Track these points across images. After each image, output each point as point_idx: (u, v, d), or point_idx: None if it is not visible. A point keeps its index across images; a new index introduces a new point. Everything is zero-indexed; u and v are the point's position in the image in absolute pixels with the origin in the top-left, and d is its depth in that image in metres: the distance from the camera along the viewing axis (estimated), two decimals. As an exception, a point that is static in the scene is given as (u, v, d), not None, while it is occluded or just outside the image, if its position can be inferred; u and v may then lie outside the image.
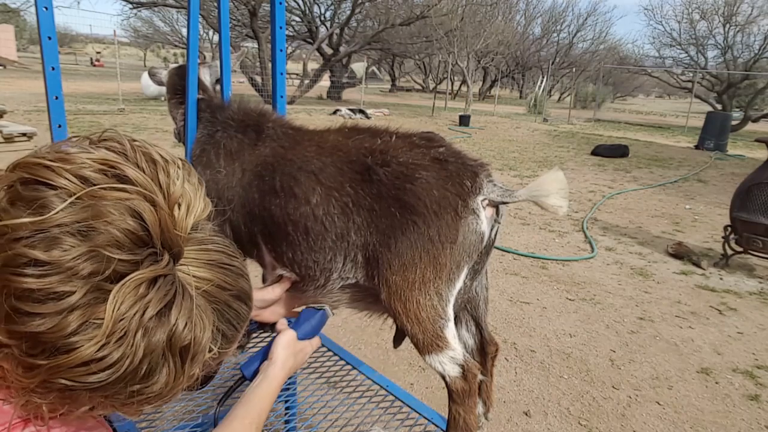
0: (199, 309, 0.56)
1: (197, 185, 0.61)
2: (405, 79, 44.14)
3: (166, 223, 0.54)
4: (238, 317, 0.65)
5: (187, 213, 0.57)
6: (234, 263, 0.64)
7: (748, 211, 4.40)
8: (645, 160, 11.16)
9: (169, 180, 0.56)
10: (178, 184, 0.57)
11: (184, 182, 0.58)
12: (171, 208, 0.55)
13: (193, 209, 0.58)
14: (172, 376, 0.54)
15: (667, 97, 49.36)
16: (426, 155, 1.15)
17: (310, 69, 22.73)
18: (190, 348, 0.54)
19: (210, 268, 0.60)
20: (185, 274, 0.57)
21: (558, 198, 1.08)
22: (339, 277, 1.23)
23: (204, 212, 0.61)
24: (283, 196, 1.26)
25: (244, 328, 0.69)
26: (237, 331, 0.66)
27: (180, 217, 0.56)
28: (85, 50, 43.10)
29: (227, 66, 1.78)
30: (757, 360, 3.13)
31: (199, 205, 0.59)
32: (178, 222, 0.56)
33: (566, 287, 4.05)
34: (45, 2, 1.32)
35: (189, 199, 0.58)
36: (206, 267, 0.59)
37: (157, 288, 0.51)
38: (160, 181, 0.56)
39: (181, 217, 0.56)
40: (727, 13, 22.78)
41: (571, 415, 2.50)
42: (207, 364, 0.63)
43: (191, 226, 0.58)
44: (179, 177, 0.58)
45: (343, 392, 1.51)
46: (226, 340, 0.64)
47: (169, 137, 8.84)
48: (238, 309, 0.64)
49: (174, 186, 0.56)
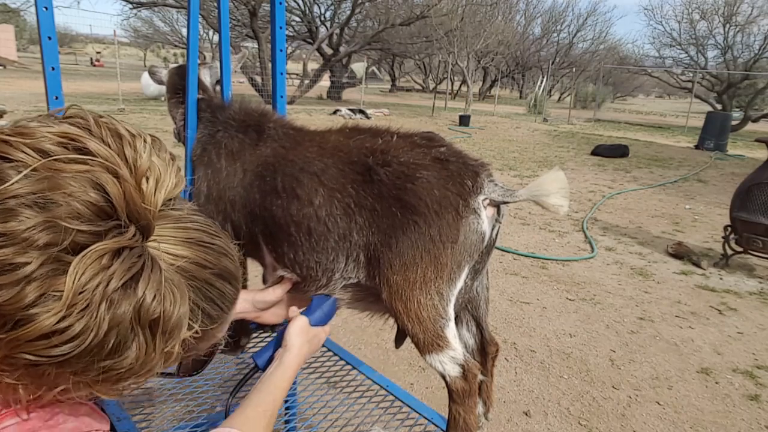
0: (170, 283, 0.54)
1: (168, 160, 0.59)
2: (405, 79, 44.15)
3: (132, 195, 0.52)
4: (223, 297, 0.64)
5: (156, 187, 0.56)
6: (215, 242, 0.63)
7: (748, 211, 4.40)
8: (645, 160, 11.16)
9: (136, 154, 0.55)
10: (145, 157, 0.55)
11: (152, 156, 0.57)
12: (138, 181, 0.54)
13: (164, 184, 0.57)
14: (143, 351, 0.52)
15: (667, 97, 49.36)
16: (427, 155, 1.15)
17: (310, 69, 22.72)
18: (160, 321, 0.53)
19: (188, 246, 0.59)
20: (157, 250, 0.55)
21: (559, 197, 1.08)
22: (341, 277, 1.23)
23: (177, 188, 0.59)
24: (285, 197, 1.26)
25: (232, 310, 0.68)
26: (223, 312, 0.65)
27: (148, 191, 0.55)
28: (85, 50, 43.11)
29: (227, 66, 1.78)
30: (757, 360, 3.13)
31: (171, 180, 0.58)
32: (147, 196, 0.54)
33: (566, 287, 4.04)
34: (45, 2, 1.32)
35: (158, 173, 0.56)
36: (183, 245, 0.58)
37: (121, 260, 0.50)
38: (126, 155, 0.54)
39: (150, 191, 0.55)
40: (727, 13, 22.79)
41: (571, 415, 2.50)
42: (191, 344, 0.62)
43: (162, 202, 0.56)
44: (146, 150, 0.56)
45: (343, 392, 1.51)
46: (211, 320, 0.63)
47: (169, 137, 8.80)
48: (221, 288, 0.63)
49: (141, 159, 0.55)
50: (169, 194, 0.58)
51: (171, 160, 0.60)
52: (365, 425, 1.38)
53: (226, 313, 0.66)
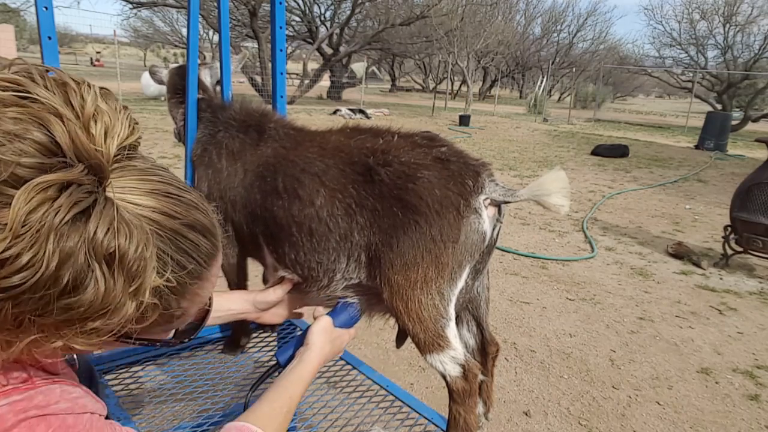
0: (126, 221, 0.54)
1: (120, 109, 0.59)
2: (405, 79, 44.14)
3: (78, 135, 0.52)
4: (198, 249, 0.64)
5: (106, 132, 0.55)
6: (184, 195, 0.63)
7: (748, 211, 4.40)
8: (645, 160, 11.17)
9: (82, 100, 0.55)
10: (90, 101, 0.55)
11: (99, 102, 0.57)
12: (85, 124, 0.54)
13: (115, 131, 0.56)
14: (102, 287, 0.52)
15: (667, 97, 49.36)
16: (428, 155, 1.15)
17: (310, 69, 22.72)
18: (116, 256, 0.52)
19: (152, 196, 0.59)
20: (121, 200, 0.55)
21: (560, 197, 1.08)
22: (342, 277, 1.23)
23: (131, 137, 0.59)
24: (287, 198, 1.26)
25: (212, 265, 0.67)
26: (201, 266, 0.65)
27: (98, 135, 0.54)
28: (85, 50, 43.09)
29: (227, 66, 1.78)
30: (757, 360, 3.13)
31: (123, 128, 0.58)
32: (96, 139, 0.54)
33: (566, 287, 4.04)
34: (45, 2, 1.32)
35: (107, 119, 0.56)
36: (148, 195, 0.58)
37: (68, 194, 0.50)
38: (71, 100, 0.54)
39: (99, 134, 0.55)
40: (727, 13, 22.80)
41: (571, 415, 2.49)
42: (171, 299, 0.61)
43: (117, 148, 0.56)
44: (91, 96, 0.56)
45: (343, 392, 1.51)
46: (189, 274, 0.63)
47: (169, 137, 8.84)
48: (195, 240, 0.63)
49: (86, 104, 0.55)
50: (122, 141, 0.57)
51: (122, 109, 0.60)
52: (365, 425, 1.38)
53: (204, 267, 0.66)
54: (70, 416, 0.61)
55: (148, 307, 0.59)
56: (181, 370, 1.55)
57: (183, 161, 1.71)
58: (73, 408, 0.62)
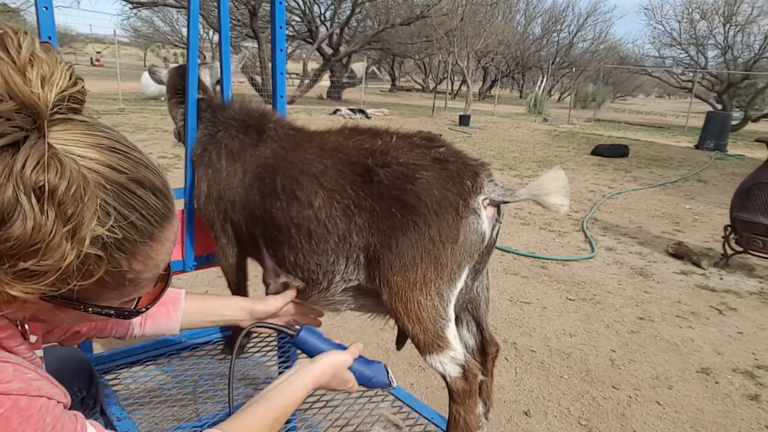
0: (58, 158, 0.52)
1: (60, 60, 0.58)
2: (405, 79, 44.13)
3: (11, 75, 0.51)
4: (147, 206, 0.62)
5: (44, 80, 0.54)
6: (133, 153, 0.62)
7: (748, 211, 4.40)
8: (645, 160, 11.16)
9: (20, 47, 0.54)
10: (26, 47, 0.54)
11: (37, 50, 0.56)
12: (21, 68, 0.53)
13: (54, 79, 0.55)
14: (30, 221, 0.50)
15: (667, 97, 49.34)
16: (426, 155, 1.15)
17: (310, 69, 22.72)
18: (45, 190, 0.51)
19: (97, 150, 0.58)
20: (56, 143, 0.54)
21: (559, 197, 1.08)
22: (342, 279, 1.23)
23: (73, 88, 0.58)
24: (285, 199, 1.25)
25: (165, 225, 0.66)
26: (151, 224, 0.63)
27: (34, 79, 0.53)
28: (85, 50, 43.05)
29: (227, 66, 1.78)
30: (757, 360, 3.13)
31: (63, 78, 0.57)
32: (33, 83, 0.53)
33: (566, 287, 4.04)
34: (45, 2, 1.32)
35: (46, 67, 0.55)
36: (92, 148, 0.57)
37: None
38: (6, 45, 0.53)
39: (36, 78, 0.54)
40: (727, 12, 22.79)
41: (571, 414, 2.49)
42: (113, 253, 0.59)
43: (56, 96, 0.55)
44: (28, 43, 0.55)
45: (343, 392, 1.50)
46: (138, 231, 0.61)
47: (169, 137, 8.84)
48: (143, 197, 0.61)
49: (22, 50, 0.54)
50: (61, 90, 0.56)
51: (64, 62, 0.59)
52: (365, 425, 1.38)
53: (155, 226, 0.64)
54: (24, 398, 0.58)
55: (91, 258, 0.57)
56: (181, 370, 1.55)
57: (183, 161, 1.71)
58: (28, 389, 0.59)
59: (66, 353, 1.28)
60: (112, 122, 10.35)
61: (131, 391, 1.44)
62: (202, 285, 3.51)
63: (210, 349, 1.70)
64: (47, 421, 0.60)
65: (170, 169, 6.76)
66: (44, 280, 0.55)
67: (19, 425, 0.57)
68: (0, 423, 0.56)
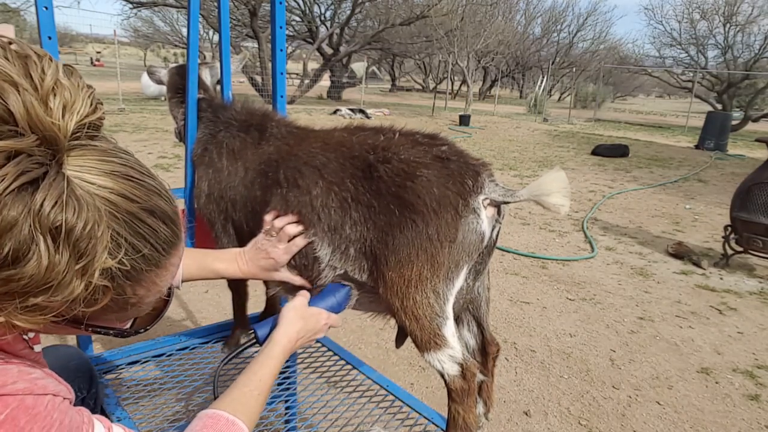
0: (76, 196, 0.52)
1: (82, 86, 0.58)
2: (405, 79, 44.13)
3: (34, 106, 0.51)
4: (156, 235, 0.62)
5: (65, 107, 0.54)
6: (146, 180, 0.62)
7: (748, 211, 4.40)
8: (645, 159, 11.16)
9: (43, 74, 0.54)
10: (50, 75, 0.54)
11: (61, 77, 0.55)
12: (43, 97, 0.53)
13: (75, 106, 0.55)
14: (45, 261, 0.50)
15: (667, 97, 49.32)
16: (428, 153, 1.14)
17: (310, 69, 22.74)
18: (62, 230, 0.51)
19: (111, 178, 0.57)
20: (72, 172, 0.54)
21: (559, 197, 1.08)
22: (328, 266, 1.23)
23: (93, 115, 0.58)
24: (286, 187, 1.26)
25: (172, 253, 0.66)
26: (159, 253, 0.63)
27: (56, 109, 0.53)
28: (85, 50, 43.05)
29: (227, 66, 1.78)
30: (757, 360, 3.13)
31: (84, 105, 0.56)
32: (54, 112, 0.53)
33: (566, 287, 4.04)
34: (45, 2, 1.32)
35: (68, 95, 0.55)
36: (107, 176, 0.57)
37: (17, 162, 0.49)
38: (30, 72, 0.53)
39: (57, 108, 0.53)
40: (727, 12, 22.79)
41: (571, 414, 2.50)
42: (119, 281, 0.59)
43: (76, 124, 0.55)
44: (52, 70, 0.55)
45: (343, 392, 1.51)
46: (145, 260, 0.61)
47: (169, 137, 8.84)
48: (153, 226, 0.61)
49: (46, 77, 0.53)
50: (82, 118, 0.56)
51: (86, 87, 0.59)
52: (365, 425, 1.38)
53: (162, 255, 0.64)
54: (29, 397, 0.59)
55: (98, 288, 0.57)
56: (181, 370, 1.55)
57: (183, 161, 1.71)
58: (32, 389, 0.60)
59: (66, 353, 1.28)
60: (112, 122, 10.37)
61: (131, 391, 1.44)
62: (203, 285, 3.52)
63: (210, 348, 1.70)
64: (54, 417, 0.60)
65: (170, 169, 6.76)
66: (52, 313, 0.55)
67: (26, 423, 0.57)
68: (7, 423, 0.56)
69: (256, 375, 0.97)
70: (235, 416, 0.88)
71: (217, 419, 0.87)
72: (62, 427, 0.61)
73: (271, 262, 1.23)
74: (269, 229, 1.23)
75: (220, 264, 1.25)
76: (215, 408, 0.89)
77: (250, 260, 1.25)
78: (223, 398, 0.92)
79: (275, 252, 1.22)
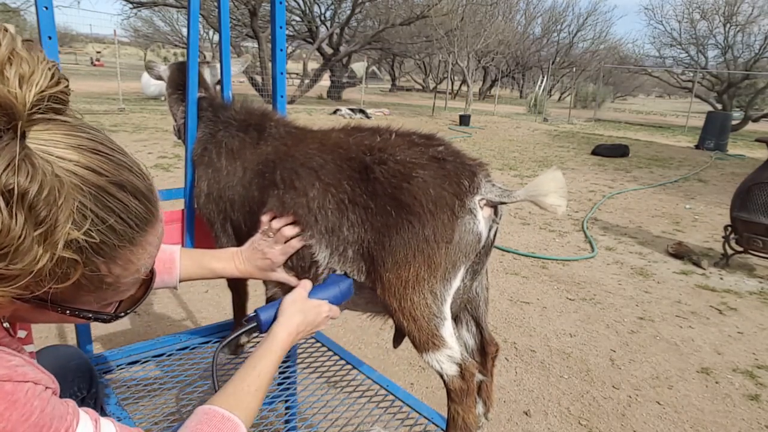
0: (30, 161, 0.51)
1: (42, 59, 0.57)
2: (405, 79, 44.12)
3: None
4: (127, 210, 0.61)
5: (22, 78, 0.54)
6: (116, 155, 0.61)
7: (748, 210, 4.39)
8: (645, 159, 11.16)
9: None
10: (5, 46, 0.53)
11: (19, 48, 0.55)
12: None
13: (34, 79, 0.55)
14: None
15: (667, 96, 49.29)
16: (424, 154, 1.15)
17: (310, 69, 22.73)
18: (14, 193, 0.50)
19: (78, 151, 0.57)
20: (36, 145, 0.53)
21: (556, 197, 1.08)
22: (327, 269, 1.23)
23: (55, 88, 0.57)
24: (283, 188, 1.26)
25: (146, 230, 0.65)
26: (131, 228, 0.62)
27: (12, 77, 0.53)
28: (85, 50, 43.07)
29: (227, 66, 1.78)
30: (757, 360, 3.13)
31: (44, 78, 0.56)
32: (11, 81, 0.53)
33: (566, 287, 4.05)
34: (45, 2, 1.32)
35: (26, 66, 0.54)
36: (73, 149, 0.57)
37: None
38: None
39: (14, 78, 0.53)
40: (727, 12, 22.79)
41: (571, 414, 2.50)
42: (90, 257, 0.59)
43: (35, 96, 0.55)
44: (9, 41, 0.54)
45: (343, 392, 1.51)
46: (117, 235, 0.61)
47: (169, 137, 8.84)
48: (124, 200, 0.61)
49: (1, 48, 0.53)
50: (41, 90, 0.56)
51: (47, 60, 0.58)
52: (365, 425, 1.38)
53: (136, 231, 0.63)
54: (8, 383, 0.58)
55: (66, 262, 0.57)
56: (181, 370, 1.55)
57: (183, 161, 1.71)
58: (11, 375, 0.59)
59: (66, 353, 1.28)
60: (112, 122, 10.38)
61: (131, 391, 1.44)
62: (203, 285, 3.52)
63: (210, 348, 1.71)
64: (35, 405, 0.59)
65: (170, 169, 6.76)
66: (15, 284, 0.54)
67: (5, 410, 0.56)
68: None
69: (255, 370, 0.96)
70: (231, 412, 0.87)
71: (212, 415, 0.86)
72: (43, 415, 0.60)
73: (267, 263, 1.23)
74: (266, 230, 1.23)
75: (217, 263, 1.25)
76: (211, 404, 0.89)
77: (246, 260, 1.25)
78: (220, 393, 0.92)
79: (272, 253, 1.22)
